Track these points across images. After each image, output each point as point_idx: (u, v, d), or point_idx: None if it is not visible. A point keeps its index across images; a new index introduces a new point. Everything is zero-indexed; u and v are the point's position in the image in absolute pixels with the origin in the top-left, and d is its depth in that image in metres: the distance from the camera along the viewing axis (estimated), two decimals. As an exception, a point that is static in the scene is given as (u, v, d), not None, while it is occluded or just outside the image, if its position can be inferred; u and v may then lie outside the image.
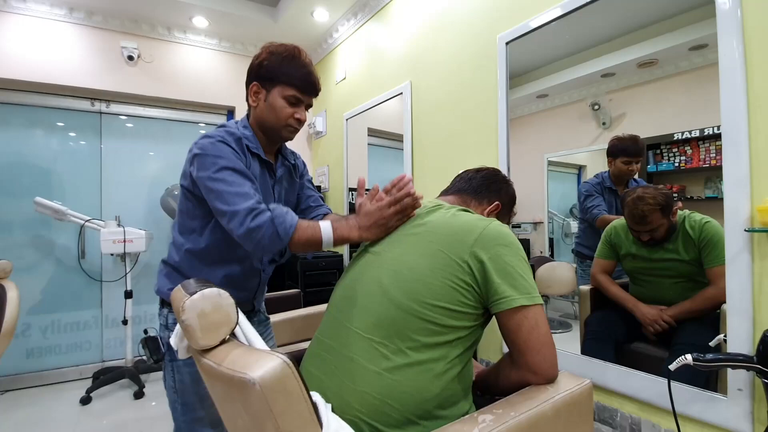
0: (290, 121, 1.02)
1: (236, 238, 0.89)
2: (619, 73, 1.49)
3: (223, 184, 0.89)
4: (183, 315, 0.60)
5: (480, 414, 0.66)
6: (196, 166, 0.92)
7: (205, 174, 0.90)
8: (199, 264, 1.01)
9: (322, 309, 2.05)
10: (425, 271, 0.75)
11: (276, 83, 0.99)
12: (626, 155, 1.40)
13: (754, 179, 0.96)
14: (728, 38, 0.99)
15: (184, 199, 1.01)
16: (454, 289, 0.74)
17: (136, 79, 2.75)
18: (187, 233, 1.02)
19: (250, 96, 1.03)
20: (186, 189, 0.99)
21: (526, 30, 1.53)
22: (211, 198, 0.90)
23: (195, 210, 0.99)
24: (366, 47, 2.61)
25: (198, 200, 0.97)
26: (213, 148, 0.92)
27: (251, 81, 1.02)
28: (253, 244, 0.87)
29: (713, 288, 1.22)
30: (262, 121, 1.03)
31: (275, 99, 1.00)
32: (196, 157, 0.92)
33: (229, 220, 0.87)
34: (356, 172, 2.78)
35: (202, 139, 0.94)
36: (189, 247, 1.01)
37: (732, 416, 0.99)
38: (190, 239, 1.01)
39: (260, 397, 0.50)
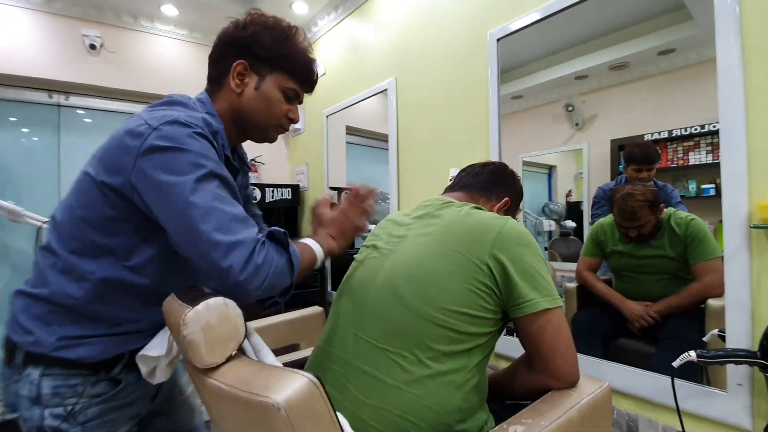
0: (283, 120, 0.82)
1: (222, 281, 0.59)
2: (592, 76, 1.52)
3: (212, 199, 0.62)
4: (185, 329, 0.52)
5: (510, 425, 0.62)
6: (154, 163, 0.62)
7: (178, 179, 0.61)
8: (128, 302, 0.72)
9: (306, 313, 1.96)
10: (443, 275, 0.71)
11: (273, 69, 0.78)
12: (634, 163, 1.39)
13: (752, 176, 0.97)
14: (726, 35, 1.00)
15: (104, 203, 0.67)
16: (473, 293, 0.69)
17: (98, 70, 2.55)
18: (107, 255, 0.69)
19: (231, 77, 0.77)
20: (111, 189, 0.66)
21: (519, 26, 1.52)
22: (182, 216, 0.60)
23: (128, 224, 0.69)
24: (348, 42, 2.54)
25: (134, 211, 0.67)
26: (192, 142, 0.64)
27: (235, 57, 0.77)
28: (255, 287, 0.61)
29: (699, 283, 1.25)
30: (244, 112, 0.79)
31: (270, 89, 0.79)
32: (156, 151, 0.62)
33: (223, 254, 0.58)
34: (336, 170, 2.71)
35: (164, 124, 0.64)
36: (114, 276, 0.69)
37: (732, 411, 1.00)
38: (114, 266, 0.69)
39: (285, 423, 0.43)
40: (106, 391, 0.74)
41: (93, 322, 0.71)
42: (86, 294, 0.69)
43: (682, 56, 1.27)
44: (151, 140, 0.63)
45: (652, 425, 1.17)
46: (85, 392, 0.71)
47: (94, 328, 0.71)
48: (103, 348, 0.72)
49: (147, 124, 0.64)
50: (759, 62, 0.96)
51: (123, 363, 0.75)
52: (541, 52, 1.62)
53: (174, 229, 0.63)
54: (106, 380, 0.74)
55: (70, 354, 0.70)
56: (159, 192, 0.62)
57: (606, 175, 1.50)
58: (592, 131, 1.54)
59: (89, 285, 0.69)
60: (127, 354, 0.75)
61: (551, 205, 1.76)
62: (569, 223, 1.69)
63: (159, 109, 0.70)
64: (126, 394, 0.77)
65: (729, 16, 1.00)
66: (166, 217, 0.63)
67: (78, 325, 0.70)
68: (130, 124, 0.67)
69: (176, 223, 0.62)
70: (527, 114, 1.71)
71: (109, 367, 0.74)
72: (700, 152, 1.26)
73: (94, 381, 0.72)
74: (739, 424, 0.99)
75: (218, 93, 0.80)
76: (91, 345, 0.71)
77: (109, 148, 0.68)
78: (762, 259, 0.96)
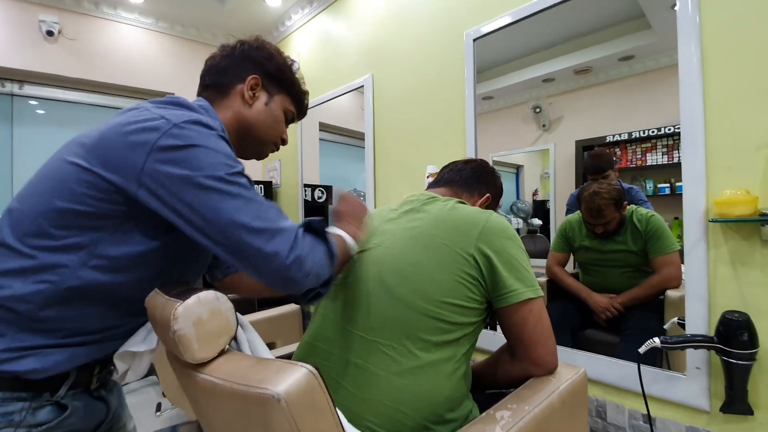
0: (278, 139, 0.86)
1: (269, 268, 0.58)
2: (558, 79, 1.59)
3: (247, 192, 0.60)
4: (176, 324, 0.51)
5: (496, 411, 0.65)
6: (178, 158, 0.58)
7: (210, 173, 0.58)
8: (104, 311, 0.64)
9: (283, 311, 1.94)
10: (431, 267, 0.72)
11: (282, 90, 0.83)
12: (589, 173, 1.49)
13: (710, 174, 1.04)
14: (687, 43, 1.07)
15: (94, 196, 0.61)
16: (461, 284, 0.71)
17: (56, 58, 2.40)
18: (79, 250, 0.61)
19: (245, 88, 0.78)
20: (110, 183, 0.60)
21: (494, 28, 1.56)
22: (217, 209, 0.57)
23: (117, 220, 0.62)
24: (322, 37, 2.52)
25: (132, 207, 0.62)
26: (219, 144, 0.62)
27: (249, 71, 0.79)
28: (303, 275, 0.59)
29: (658, 276, 1.34)
30: (251, 125, 0.79)
31: (276, 108, 0.82)
32: (180, 149, 0.59)
33: (267, 240, 0.57)
34: (310, 167, 2.68)
35: (187, 123, 0.61)
36: (84, 275, 0.61)
37: (691, 393, 1.08)
38: (86, 264, 0.61)
39: (285, 414, 0.43)
40: (50, 419, 0.62)
41: (45, 331, 0.61)
42: (44, 297, 0.60)
43: (641, 63, 1.35)
44: (172, 136, 0.59)
45: (619, 409, 1.24)
46: (24, 421, 0.59)
47: (46, 337, 0.61)
48: (57, 359, 0.61)
49: (165, 119, 0.60)
50: (717, 68, 1.04)
51: (69, 383, 0.64)
52: (512, 54, 1.67)
53: (205, 224, 0.58)
54: (49, 405, 0.62)
55: (11, 367, 0.58)
56: (186, 188, 0.58)
57: (571, 174, 1.57)
58: (558, 132, 1.61)
59: (50, 286, 0.60)
60: (74, 372, 0.64)
61: (519, 204, 1.81)
62: (536, 221, 1.75)
63: (171, 108, 0.66)
64: (71, 423, 0.65)
65: (690, 25, 1.06)
66: (193, 212, 0.58)
67: (23, 335, 0.60)
68: (138, 116, 0.62)
69: (210, 218, 0.58)
70: (497, 114, 1.76)
71: (53, 388, 0.62)
72: (656, 153, 1.34)
73: (35, 407, 0.60)
74: (697, 405, 1.07)
75: (220, 101, 0.79)
76: (36, 357, 0.60)
77: (108, 140, 0.62)
78: (718, 250, 1.04)
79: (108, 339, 0.67)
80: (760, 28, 0.97)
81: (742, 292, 1.00)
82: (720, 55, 1.03)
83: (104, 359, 0.67)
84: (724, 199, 0.98)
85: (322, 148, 2.70)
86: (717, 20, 1.04)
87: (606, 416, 1.26)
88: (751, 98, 0.99)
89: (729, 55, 1.02)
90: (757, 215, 0.95)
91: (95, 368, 0.67)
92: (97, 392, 0.71)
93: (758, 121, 0.97)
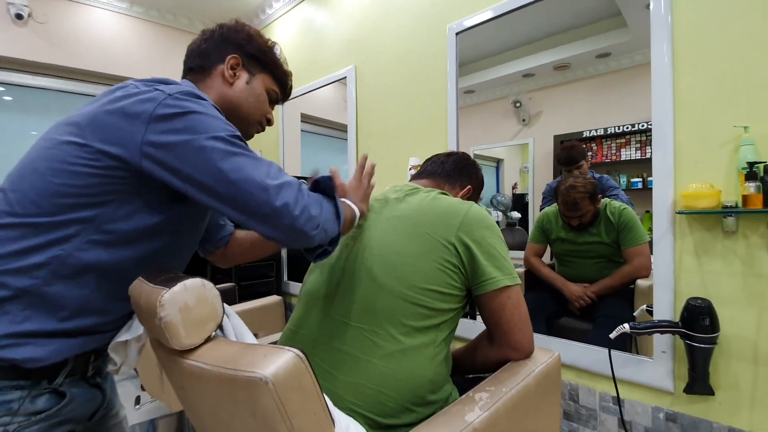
0: (263, 119, 0.86)
1: (280, 221, 0.59)
2: (538, 74, 1.62)
3: (249, 153, 0.62)
4: (162, 311, 0.51)
5: (475, 393, 0.68)
6: (178, 126, 0.59)
7: (212, 134, 0.59)
8: (106, 289, 0.65)
9: (266, 302, 1.94)
10: (414, 255, 0.74)
11: (263, 70, 0.84)
12: (561, 164, 1.53)
13: (677, 168, 1.10)
14: (659, 41, 1.11)
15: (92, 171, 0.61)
16: (442, 271, 0.74)
17: (25, 42, 2.30)
18: (82, 224, 0.62)
19: (225, 67, 0.79)
20: (111, 157, 0.60)
21: (476, 22, 1.58)
22: (223, 168, 0.58)
23: (120, 194, 0.63)
24: (304, 27, 2.49)
25: (135, 179, 0.62)
26: (212, 109, 0.64)
27: (228, 51, 0.80)
28: (313, 226, 0.61)
29: (629, 266, 1.40)
30: (235, 103, 0.80)
31: (258, 87, 0.83)
32: (178, 116, 0.59)
33: (275, 193, 0.58)
34: (291, 159, 2.66)
35: (182, 94, 0.62)
36: (98, 254, 0.62)
37: (657, 375, 1.14)
38: (90, 239, 0.62)
39: (273, 396, 0.44)
40: (48, 407, 0.63)
41: (48, 312, 0.61)
42: (50, 272, 0.60)
43: (617, 60, 1.39)
44: (169, 106, 0.60)
45: (590, 392, 1.29)
46: (22, 409, 0.60)
47: (48, 319, 0.61)
48: (55, 348, 0.62)
49: (159, 91, 0.61)
50: (686, 67, 1.08)
51: (67, 371, 0.65)
52: (493, 49, 1.69)
53: (214, 184, 0.59)
54: (48, 393, 0.63)
55: (11, 354, 0.58)
56: (190, 152, 0.59)
57: (549, 168, 1.60)
58: (538, 127, 1.64)
59: (55, 261, 0.61)
60: (72, 360, 0.65)
61: (498, 197, 1.85)
62: (515, 214, 1.79)
63: (161, 84, 0.66)
64: (69, 410, 0.66)
65: (662, 24, 1.11)
66: (200, 173, 0.59)
67: (23, 317, 0.60)
68: (129, 90, 0.62)
69: (217, 178, 0.59)
70: (478, 108, 1.78)
71: (51, 376, 0.63)
72: (630, 149, 1.38)
73: (34, 395, 0.61)
74: (663, 387, 1.13)
75: (203, 82, 0.80)
76: (37, 344, 0.61)
77: (102, 116, 0.62)
78: (684, 241, 1.09)
79: (102, 329, 0.68)
80: (727, 30, 1.02)
81: (705, 280, 1.06)
82: (690, 54, 1.08)
83: (99, 348, 0.69)
84: (690, 192, 1.03)
85: (304, 140, 2.69)
86: (688, 21, 1.08)
87: (578, 399, 1.32)
88: (717, 97, 1.04)
89: (698, 55, 1.07)
90: (719, 207, 1.00)
91: (91, 356, 0.68)
92: (93, 379, 0.72)
93: (722, 119, 1.03)
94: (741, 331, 1.01)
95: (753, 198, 0.95)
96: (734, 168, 1.01)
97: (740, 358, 1.02)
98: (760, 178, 0.94)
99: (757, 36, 0.98)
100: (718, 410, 1.05)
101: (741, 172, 0.97)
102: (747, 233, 1.00)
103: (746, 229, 1.00)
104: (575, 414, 1.32)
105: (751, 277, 1.00)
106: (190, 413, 0.65)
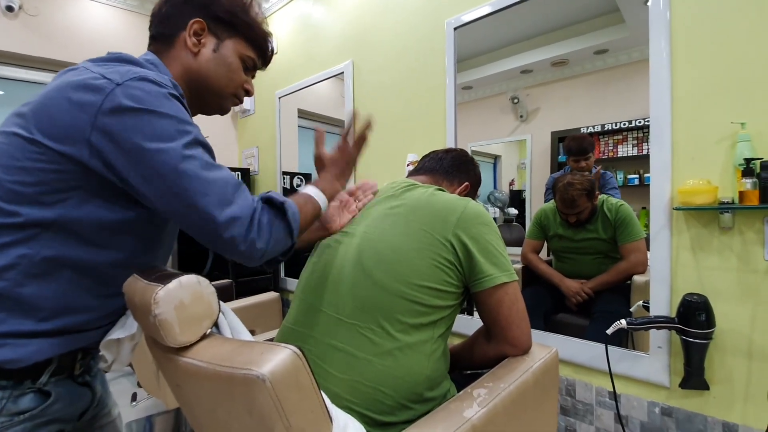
0: (239, 90, 0.77)
1: (227, 251, 0.58)
2: (536, 70, 1.61)
3: (203, 168, 0.57)
4: (157, 308, 0.50)
5: (473, 389, 0.67)
6: (126, 125, 0.54)
7: (163, 146, 0.55)
8: (81, 288, 0.62)
9: (263, 299, 1.93)
10: (410, 252, 0.74)
11: (233, 34, 0.73)
12: (571, 154, 1.52)
13: (675, 165, 1.10)
14: (658, 38, 1.11)
15: (42, 168, 0.56)
16: (438, 268, 0.73)
17: (16, 35, 2.27)
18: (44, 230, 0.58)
19: (187, 35, 0.70)
20: (57, 153, 0.56)
21: (474, 17, 1.57)
22: (173, 187, 0.55)
23: (77, 191, 0.58)
24: (302, 21, 2.47)
25: (88, 176, 0.58)
26: (169, 104, 0.57)
27: (192, 15, 0.70)
28: (259, 256, 0.60)
29: (625, 262, 1.41)
30: (203, 75, 0.72)
31: (229, 54, 0.73)
32: (128, 111, 0.54)
33: (224, 227, 0.56)
34: (288, 154, 2.65)
35: (133, 80, 0.56)
36: (67, 253, 0.59)
37: (653, 370, 1.15)
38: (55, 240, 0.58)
39: (270, 394, 0.44)
40: (33, 407, 0.60)
41: (25, 312, 0.58)
42: (20, 272, 0.56)
43: (614, 57, 1.39)
44: (118, 98, 0.54)
45: (587, 388, 1.30)
46: (5, 410, 0.57)
47: (19, 321, 0.58)
48: (31, 349, 0.59)
49: (106, 79, 0.55)
50: (684, 64, 1.08)
51: (51, 370, 0.62)
52: (491, 45, 1.68)
53: (162, 200, 0.56)
54: (32, 392, 0.60)
55: None
56: (138, 159, 0.55)
57: (546, 165, 1.60)
58: (535, 123, 1.64)
59: (25, 261, 0.57)
60: (56, 359, 0.62)
61: (496, 193, 1.85)
62: (512, 211, 1.79)
63: (112, 65, 0.60)
64: (55, 410, 0.63)
65: (661, 20, 1.10)
66: (150, 187, 0.56)
67: (4, 316, 0.57)
68: (77, 76, 0.57)
69: (165, 194, 0.56)
70: (476, 104, 1.77)
71: (35, 375, 0.60)
72: (627, 145, 1.38)
73: (17, 395, 0.59)
74: (659, 381, 1.14)
75: (167, 53, 0.71)
76: (15, 345, 0.58)
77: (48, 104, 0.57)
78: (680, 237, 1.10)
79: (87, 327, 0.64)
80: (726, 27, 1.02)
81: (701, 276, 1.07)
82: (688, 51, 1.08)
83: (87, 347, 0.66)
84: (687, 188, 1.03)
85: (301, 136, 2.67)
86: (686, 17, 1.08)
87: (575, 394, 1.32)
88: (714, 93, 1.04)
89: (696, 52, 1.06)
90: (716, 204, 1.00)
91: (78, 354, 0.65)
92: (82, 378, 0.69)
93: (719, 115, 1.03)
94: (736, 326, 1.02)
95: (749, 194, 0.95)
96: (731, 164, 1.01)
97: (735, 352, 1.02)
98: (756, 175, 0.94)
99: (756, 33, 0.98)
100: (712, 404, 1.06)
101: (738, 169, 0.98)
102: (743, 229, 1.01)
103: (742, 225, 1.01)
104: (572, 409, 1.33)
105: (747, 272, 1.00)
106: (187, 411, 0.64)
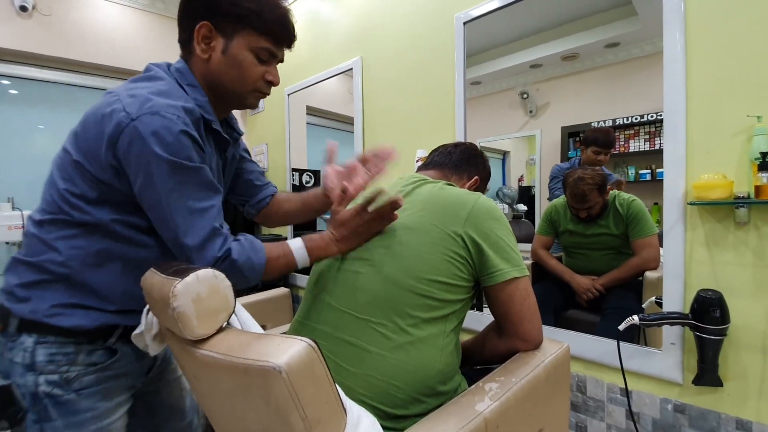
0: (260, 84, 0.76)
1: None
2: (546, 65, 1.60)
3: (189, 203, 0.67)
4: (175, 301, 0.51)
5: (485, 383, 0.68)
6: (136, 157, 0.64)
7: (158, 187, 0.65)
8: (133, 279, 0.70)
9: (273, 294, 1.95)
10: (421, 246, 0.74)
11: (241, 27, 0.71)
12: (596, 145, 1.47)
13: (689, 159, 1.08)
14: (672, 30, 1.09)
15: (83, 182, 0.69)
16: (449, 262, 0.74)
17: (29, 35, 2.30)
18: (92, 229, 0.71)
19: (196, 42, 0.72)
20: (90, 173, 0.68)
21: (484, 11, 1.56)
22: (164, 216, 0.67)
23: (109, 203, 0.71)
24: (310, 17, 2.47)
25: (116, 192, 0.70)
26: (172, 143, 0.63)
27: (198, 19, 0.71)
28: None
29: (637, 258, 1.39)
30: (217, 81, 0.74)
31: (240, 51, 0.72)
32: (136, 146, 0.64)
33: (197, 258, 0.67)
34: (297, 151, 2.66)
35: (146, 115, 0.62)
36: (105, 246, 0.72)
37: (666, 367, 1.14)
38: (104, 238, 0.72)
39: (286, 385, 0.45)
40: (102, 360, 0.74)
41: (86, 292, 0.72)
42: (78, 262, 0.70)
43: (626, 50, 1.37)
44: (129, 135, 0.63)
45: (598, 384, 1.29)
46: (79, 360, 0.71)
47: (86, 298, 0.72)
48: (97, 318, 0.73)
49: (125, 112, 0.63)
50: (699, 56, 1.06)
51: (118, 334, 0.76)
52: (500, 40, 1.67)
53: (156, 222, 0.69)
54: (102, 349, 0.74)
55: (64, 321, 0.70)
56: (145, 183, 0.65)
57: (556, 161, 1.58)
58: (545, 118, 1.62)
59: (81, 253, 0.70)
60: (122, 326, 0.76)
61: (505, 189, 1.84)
62: (521, 207, 1.78)
63: (139, 87, 0.69)
64: (122, 364, 0.77)
65: (675, 12, 1.08)
66: (150, 208, 0.68)
67: (71, 293, 0.71)
68: (109, 104, 0.66)
69: (159, 219, 0.68)
70: (485, 100, 1.76)
71: (105, 337, 0.74)
72: (639, 140, 1.36)
73: (89, 350, 0.73)
74: (671, 378, 1.13)
75: (191, 59, 0.76)
76: (86, 314, 0.72)
77: (86, 127, 0.69)
78: (695, 232, 1.08)
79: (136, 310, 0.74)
80: (741, 19, 1.00)
81: (716, 271, 1.05)
82: (702, 43, 1.06)
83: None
84: (702, 182, 1.02)
85: (310, 132, 2.68)
86: (701, 8, 1.06)
87: (586, 391, 1.32)
88: (729, 86, 1.02)
89: (711, 44, 1.04)
90: (732, 198, 0.99)
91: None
92: None
93: (735, 108, 1.01)
94: (751, 322, 1.00)
95: (766, 188, 0.93)
96: (747, 158, 0.99)
97: (749, 348, 1.01)
98: (773, 169, 0.92)
99: (773, 23, 0.96)
100: (726, 401, 1.05)
101: (754, 163, 0.96)
102: (759, 224, 0.99)
103: (758, 220, 0.99)
104: (583, 405, 1.33)
105: (763, 268, 0.99)
106: (203, 403, 0.65)
